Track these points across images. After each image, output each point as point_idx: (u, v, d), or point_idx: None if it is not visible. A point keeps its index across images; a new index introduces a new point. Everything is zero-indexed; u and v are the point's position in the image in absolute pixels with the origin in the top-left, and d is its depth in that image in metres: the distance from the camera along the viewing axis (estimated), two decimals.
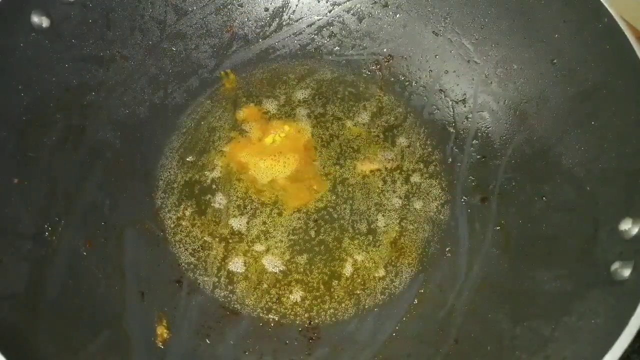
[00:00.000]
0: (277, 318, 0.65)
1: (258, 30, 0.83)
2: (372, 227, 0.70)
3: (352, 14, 0.83)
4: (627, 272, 0.50)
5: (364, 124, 0.78)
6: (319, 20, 0.84)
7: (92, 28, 0.70)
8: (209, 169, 0.74)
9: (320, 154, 0.75)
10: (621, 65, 0.59)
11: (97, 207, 0.67)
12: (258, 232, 0.70)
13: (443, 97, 0.79)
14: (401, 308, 0.65)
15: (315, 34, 0.84)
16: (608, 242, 0.54)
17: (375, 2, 0.82)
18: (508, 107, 0.73)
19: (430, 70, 0.80)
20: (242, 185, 0.73)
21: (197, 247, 0.69)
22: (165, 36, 0.78)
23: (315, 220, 0.70)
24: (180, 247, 0.69)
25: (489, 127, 0.75)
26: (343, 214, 0.71)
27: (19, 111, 0.61)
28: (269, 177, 0.73)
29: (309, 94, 0.80)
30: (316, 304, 0.65)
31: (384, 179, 0.73)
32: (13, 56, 0.61)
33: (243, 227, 0.70)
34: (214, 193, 0.72)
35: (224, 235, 0.69)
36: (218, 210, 0.71)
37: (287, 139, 0.76)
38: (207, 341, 0.62)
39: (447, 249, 0.69)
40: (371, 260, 0.68)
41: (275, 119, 0.78)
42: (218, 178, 0.73)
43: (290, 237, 0.69)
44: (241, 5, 0.82)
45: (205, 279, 0.67)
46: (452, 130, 0.77)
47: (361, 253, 0.68)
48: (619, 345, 0.45)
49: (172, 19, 0.78)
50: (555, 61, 0.67)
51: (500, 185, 0.70)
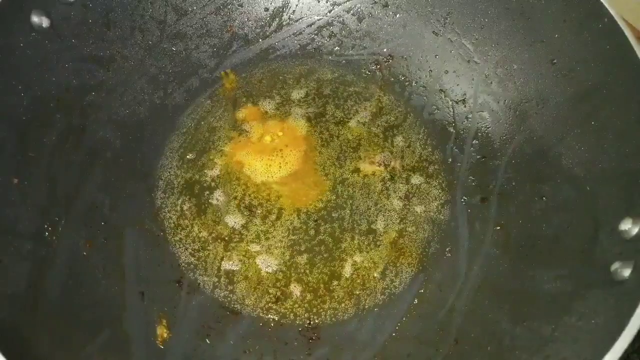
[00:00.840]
0: (277, 318, 0.65)
1: (258, 30, 0.83)
2: (372, 227, 0.70)
3: (352, 14, 0.83)
4: (627, 272, 0.50)
5: (364, 124, 0.78)
6: (319, 20, 0.84)
7: (92, 28, 0.70)
8: (209, 169, 0.74)
9: (321, 153, 0.75)
10: (621, 65, 0.59)
11: (97, 207, 0.67)
12: (258, 232, 0.70)
13: (443, 97, 0.79)
14: (401, 308, 0.65)
15: (315, 34, 0.84)
16: (608, 242, 0.54)
17: (375, 2, 0.82)
18: (508, 107, 0.73)
19: (430, 70, 0.80)
20: (242, 185, 0.73)
21: (197, 247, 0.69)
22: (165, 36, 0.78)
23: (315, 220, 0.70)
24: (180, 247, 0.69)
25: (489, 127, 0.75)
26: (343, 214, 0.71)
27: (19, 111, 0.61)
28: (269, 177, 0.73)
29: (309, 94, 0.80)
30: (316, 304, 0.65)
31: (383, 179, 0.73)
32: (13, 56, 0.61)
33: (243, 227, 0.70)
34: (214, 193, 0.72)
35: (224, 235, 0.69)
36: (218, 210, 0.71)
37: (287, 139, 0.76)
38: (207, 341, 0.62)
39: (447, 249, 0.69)
40: (371, 261, 0.68)
41: (275, 119, 0.78)
42: (218, 178, 0.73)
43: (290, 237, 0.69)
44: (241, 5, 0.82)
45: (205, 279, 0.67)
46: (452, 130, 0.77)
47: (361, 253, 0.68)
48: (619, 345, 0.45)
49: (172, 18, 0.78)
50: (555, 61, 0.67)
51: (500, 185, 0.70)
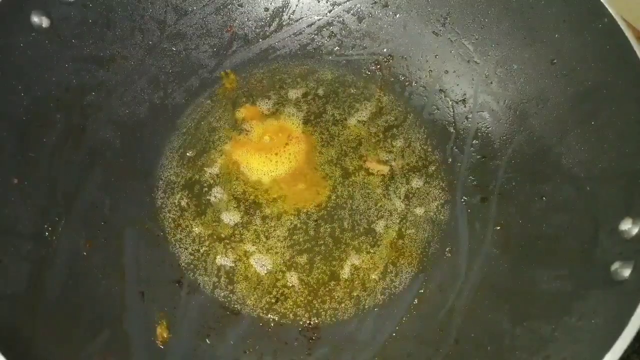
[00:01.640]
0: (277, 318, 0.65)
1: (258, 30, 0.83)
2: (372, 227, 0.70)
3: (352, 14, 0.83)
4: (627, 272, 0.50)
5: (364, 124, 0.78)
6: (319, 20, 0.84)
7: (92, 28, 0.70)
8: (209, 169, 0.74)
9: (321, 153, 0.75)
10: (621, 65, 0.59)
11: (97, 207, 0.67)
12: (258, 232, 0.70)
13: (443, 97, 0.79)
14: (401, 308, 0.65)
15: (315, 34, 0.84)
16: (608, 242, 0.54)
17: (375, 2, 0.82)
18: (508, 107, 0.73)
19: (430, 70, 0.80)
20: (243, 185, 0.73)
21: (197, 247, 0.69)
22: (165, 36, 0.78)
23: (315, 221, 0.70)
24: (180, 247, 0.69)
25: (489, 127, 0.75)
26: (343, 214, 0.71)
27: (19, 111, 0.61)
28: (269, 177, 0.73)
29: (309, 94, 0.80)
30: (316, 304, 0.65)
31: (383, 179, 0.73)
32: (13, 56, 0.61)
33: (243, 227, 0.70)
34: (214, 193, 0.72)
35: (224, 235, 0.69)
36: (218, 210, 0.71)
37: (287, 139, 0.76)
38: (207, 341, 0.62)
39: (447, 249, 0.69)
40: (371, 261, 0.68)
41: (275, 119, 0.78)
42: (218, 178, 0.73)
43: (290, 237, 0.69)
44: (241, 5, 0.82)
45: (205, 279, 0.67)
46: (452, 130, 0.77)
47: (361, 253, 0.68)
48: (619, 345, 0.45)
49: (172, 19, 0.78)
50: (555, 61, 0.67)
51: (500, 185, 0.70)
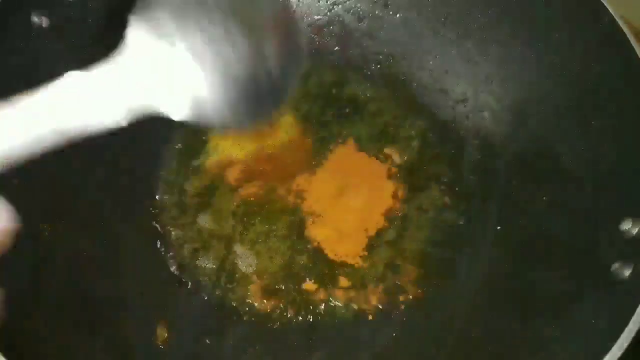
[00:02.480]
0: (277, 318, 0.65)
1: None
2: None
3: (352, 14, 0.83)
4: (627, 272, 0.50)
5: (363, 124, 0.78)
6: (318, 20, 0.84)
7: (92, 28, 0.70)
8: (209, 169, 0.74)
9: (321, 154, 0.75)
10: (621, 65, 0.59)
11: (97, 207, 0.67)
12: (258, 231, 0.70)
13: (443, 97, 0.79)
14: (401, 308, 0.65)
15: (314, 34, 0.84)
16: (608, 242, 0.54)
17: (376, 2, 0.82)
18: (508, 107, 0.73)
19: (431, 70, 0.80)
20: (243, 185, 0.73)
21: (197, 247, 0.69)
22: None
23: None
24: (180, 247, 0.69)
25: (489, 127, 0.75)
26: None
27: None
28: (269, 177, 0.73)
29: (308, 94, 0.80)
30: (316, 304, 0.65)
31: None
32: (13, 56, 0.61)
33: (244, 227, 0.70)
34: (215, 192, 0.72)
35: (224, 235, 0.69)
36: (218, 210, 0.71)
37: (286, 139, 0.76)
38: (207, 341, 0.62)
39: (448, 250, 0.68)
40: (371, 261, 0.68)
41: (275, 119, 0.78)
42: (218, 177, 0.73)
43: (291, 237, 0.69)
44: None
45: (205, 279, 0.67)
46: (452, 130, 0.77)
47: (361, 253, 0.68)
48: (619, 345, 0.45)
49: None
50: (555, 61, 0.67)
51: (500, 186, 0.70)
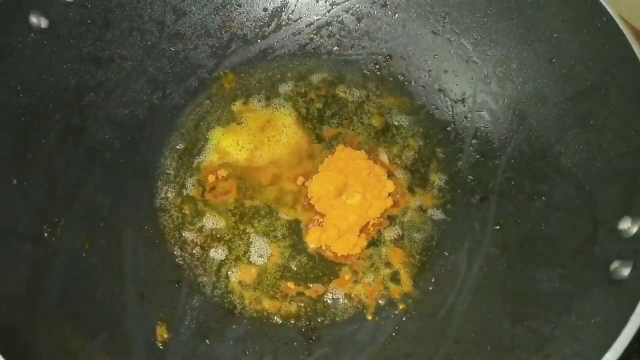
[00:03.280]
0: (277, 318, 0.65)
1: (257, 31, 0.83)
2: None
3: (351, 14, 0.83)
4: (626, 271, 0.50)
5: (362, 124, 0.78)
6: (317, 20, 0.84)
7: (90, 28, 0.70)
8: (209, 169, 0.74)
9: (320, 153, 0.75)
10: (620, 65, 0.59)
11: (97, 207, 0.67)
12: (258, 232, 0.70)
13: (442, 96, 0.79)
14: (401, 308, 0.65)
15: (314, 34, 0.84)
16: (607, 241, 0.54)
17: (374, 2, 0.82)
18: (507, 106, 0.73)
19: (429, 70, 0.80)
20: (243, 186, 0.73)
21: (197, 247, 0.69)
22: (164, 36, 0.78)
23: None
24: (180, 248, 0.69)
25: (488, 127, 0.75)
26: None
27: (18, 112, 0.61)
28: (269, 177, 0.73)
29: (308, 94, 0.80)
30: (316, 304, 0.65)
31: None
32: (12, 57, 0.61)
33: (243, 227, 0.70)
34: (214, 193, 0.72)
35: (223, 235, 0.69)
36: (218, 210, 0.71)
37: (286, 139, 0.76)
38: (207, 341, 0.62)
39: (447, 249, 0.69)
40: (370, 260, 0.68)
41: (274, 119, 0.78)
42: (218, 178, 0.73)
43: (291, 237, 0.69)
44: (240, 6, 0.82)
45: (205, 279, 0.67)
46: (451, 129, 0.77)
47: (360, 253, 0.68)
48: (619, 344, 0.45)
49: (171, 19, 0.78)
50: (554, 60, 0.67)
51: (499, 185, 0.70)
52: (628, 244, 0.52)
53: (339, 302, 0.66)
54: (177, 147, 0.75)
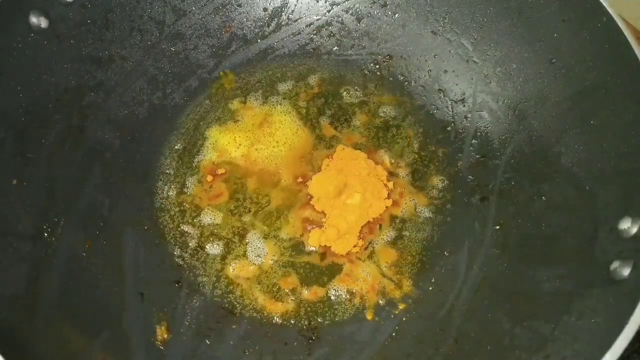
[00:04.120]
0: (277, 318, 0.65)
1: (257, 30, 0.83)
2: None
3: (351, 14, 0.83)
4: (626, 271, 0.50)
5: (362, 124, 0.78)
6: (317, 20, 0.84)
7: (90, 29, 0.70)
8: (209, 169, 0.74)
9: (320, 153, 0.75)
10: (620, 65, 0.59)
11: (97, 207, 0.67)
12: (258, 232, 0.70)
13: (442, 96, 0.79)
14: (400, 308, 0.65)
15: (314, 34, 0.84)
16: (607, 241, 0.54)
17: (374, 2, 0.82)
18: (507, 106, 0.73)
19: (429, 70, 0.80)
20: (242, 186, 0.73)
21: (197, 248, 0.69)
22: (164, 36, 0.78)
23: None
24: (180, 248, 0.69)
25: (488, 127, 0.75)
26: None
27: (17, 112, 0.61)
28: (269, 177, 0.73)
29: (308, 94, 0.80)
30: (316, 305, 0.65)
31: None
32: (12, 57, 0.61)
33: (243, 227, 0.70)
34: (214, 192, 0.72)
35: (223, 235, 0.69)
36: (218, 210, 0.71)
37: (286, 138, 0.76)
38: (207, 341, 0.62)
39: (447, 249, 0.69)
40: (370, 260, 0.68)
41: (274, 119, 0.78)
42: (218, 178, 0.73)
43: (290, 237, 0.69)
44: (240, 6, 0.82)
45: (205, 279, 0.67)
46: (451, 129, 0.77)
47: (360, 253, 0.68)
48: (619, 344, 0.45)
49: (171, 19, 0.78)
50: (554, 60, 0.67)
51: (499, 185, 0.70)
52: (628, 244, 0.52)
53: (339, 302, 0.66)
54: (177, 147, 0.75)
